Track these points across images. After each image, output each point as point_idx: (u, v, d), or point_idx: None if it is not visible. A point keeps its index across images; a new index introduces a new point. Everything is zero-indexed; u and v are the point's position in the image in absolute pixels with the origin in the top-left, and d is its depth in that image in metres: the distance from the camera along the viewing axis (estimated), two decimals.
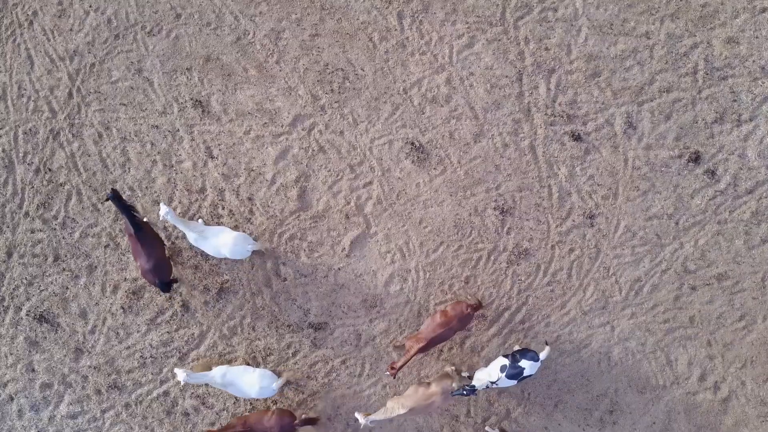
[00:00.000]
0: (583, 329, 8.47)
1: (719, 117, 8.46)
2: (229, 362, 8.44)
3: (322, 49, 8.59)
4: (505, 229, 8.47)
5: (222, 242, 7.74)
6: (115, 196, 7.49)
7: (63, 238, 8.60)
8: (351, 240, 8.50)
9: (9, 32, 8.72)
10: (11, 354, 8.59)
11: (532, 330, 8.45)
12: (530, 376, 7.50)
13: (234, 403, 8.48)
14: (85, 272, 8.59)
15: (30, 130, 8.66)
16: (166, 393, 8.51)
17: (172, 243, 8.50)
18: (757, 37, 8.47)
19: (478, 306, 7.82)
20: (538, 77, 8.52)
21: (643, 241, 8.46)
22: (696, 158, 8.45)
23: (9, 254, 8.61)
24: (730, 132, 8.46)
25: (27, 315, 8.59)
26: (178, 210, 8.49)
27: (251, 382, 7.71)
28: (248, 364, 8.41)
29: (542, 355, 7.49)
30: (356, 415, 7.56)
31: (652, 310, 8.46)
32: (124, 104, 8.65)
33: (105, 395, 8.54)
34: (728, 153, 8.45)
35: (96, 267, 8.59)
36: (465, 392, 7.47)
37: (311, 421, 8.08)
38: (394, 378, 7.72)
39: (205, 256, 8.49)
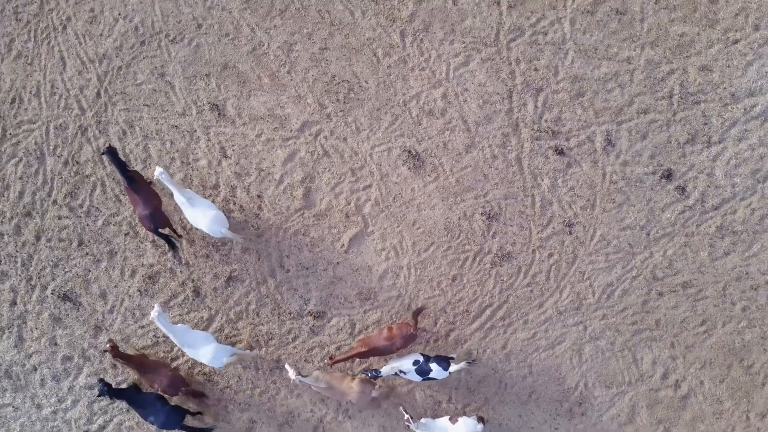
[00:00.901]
0: (558, 327, 9.27)
1: (691, 138, 9.24)
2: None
3: (330, 61, 9.38)
4: (491, 233, 9.27)
5: (201, 214, 8.42)
6: (111, 152, 8.24)
7: (87, 225, 9.43)
8: (350, 237, 9.31)
9: (44, 35, 9.54)
10: (36, 328, 9.43)
11: (512, 326, 9.26)
12: (435, 379, 8.39)
13: (237, 381, 9.31)
14: (106, 257, 9.42)
15: (60, 125, 9.48)
16: (177, 367, 9.33)
17: (187, 233, 9.32)
18: (728, 66, 9.23)
19: (414, 334, 8.55)
20: (527, 95, 9.30)
21: (616, 249, 9.26)
22: (668, 175, 9.23)
23: (38, 238, 9.45)
24: (700, 152, 9.24)
25: (52, 294, 9.43)
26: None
27: (206, 351, 8.39)
28: (252, 348, 9.23)
29: (452, 368, 8.32)
30: (286, 366, 8.29)
31: (622, 313, 9.25)
32: (147, 105, 9.46)
33: (120, 369, 9.37)
34: (698, 171, 9.23)
35: (116, 252, 9.42)
36: (370, 375, 8.53)
37: (197, 395, 8.94)
38: (331, 367, 8.75)
39: (216, 246, 9.31)
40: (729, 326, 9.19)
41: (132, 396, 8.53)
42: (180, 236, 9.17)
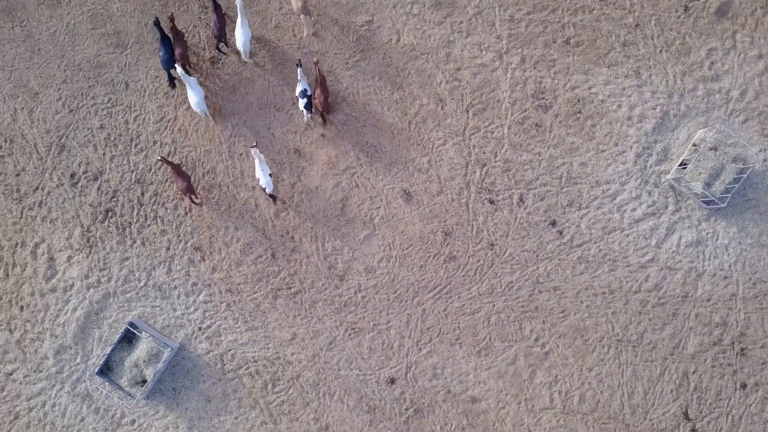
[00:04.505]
0: (477, 303, 15.83)
1: (570, 203, 15.80)
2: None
3: (365, 134, 16.17)
4: (445, 244, 15.91)
5: (242, 34, 14.90)
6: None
7: (216, 209, 16.32)
8: (364, 235, 16.00)
9: (184, 107, 16.53)
10: (179, 264, 16.29)
11: (450, 299, 15.86)
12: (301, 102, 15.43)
13: (285, 310, 16.03)
14: (222, 229, 16.29)
15: (206, 150, 16.40)
16: (256, 297, 16.12)
17: (270, 224, 16.13)
18: (597, 165, 15.79)
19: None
20: (476, 167, 15.96)
21: (517, 262, 15.81)
22: (553, 223, 15.78)
23: (185, 213, 16.36)
24: (574, 212, 15.80)
25: (191, 246, 16.34)
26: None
27: (193, 97, 14.84)
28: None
29: (305, 110, 15.30)
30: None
31: (516, 300, 15.78)
32: (254, 146, 16.36)
33: (223, 294, 16.16)
34: (571, 223, 15.77)
35: (229, 228, 16.28)
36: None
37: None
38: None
39: (289, 232, 16.07)
40: (577, 315, 15.67)
41: (163, 35, 14.90)
42: (229, 49, 16.07)
